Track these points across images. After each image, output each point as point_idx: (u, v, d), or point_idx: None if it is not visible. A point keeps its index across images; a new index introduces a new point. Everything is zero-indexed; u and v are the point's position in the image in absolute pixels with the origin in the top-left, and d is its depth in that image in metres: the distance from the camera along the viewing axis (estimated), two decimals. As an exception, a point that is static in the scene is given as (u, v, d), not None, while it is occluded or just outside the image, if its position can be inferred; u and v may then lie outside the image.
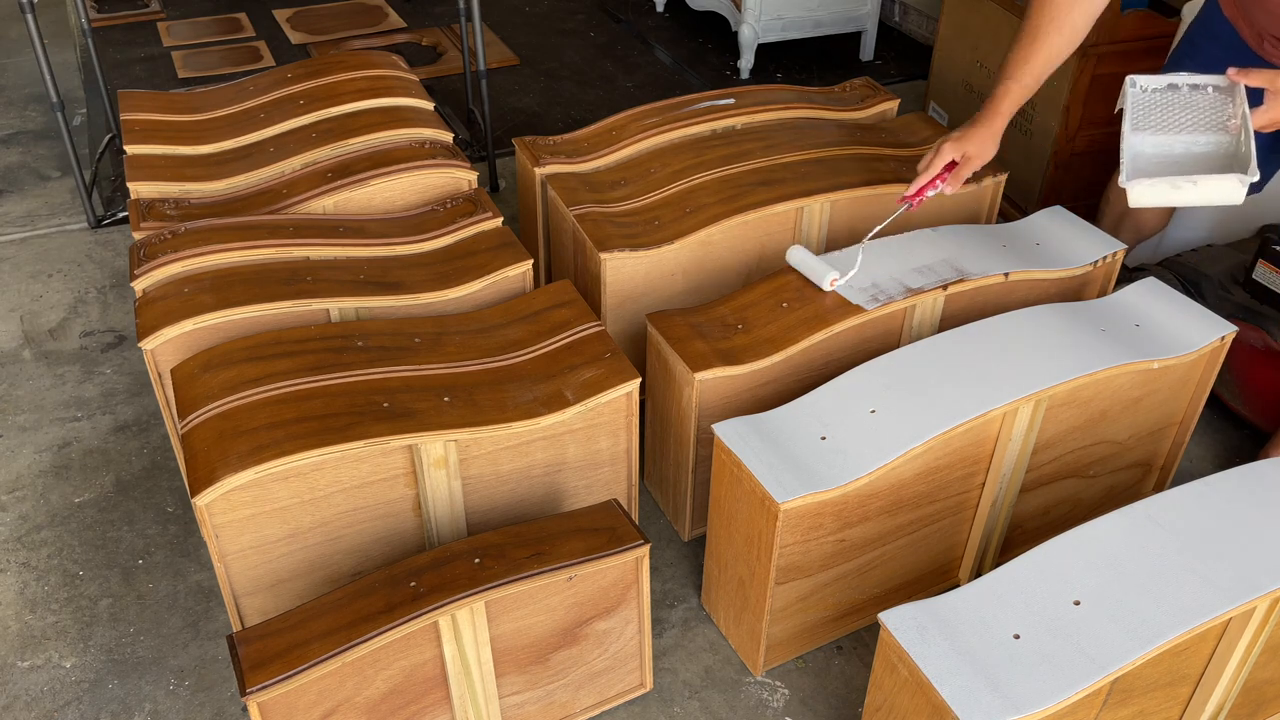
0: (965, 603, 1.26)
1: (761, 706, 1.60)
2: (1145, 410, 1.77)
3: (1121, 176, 1.52)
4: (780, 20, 3.49)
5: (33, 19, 2.43)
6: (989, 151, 1.78)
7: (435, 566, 1.32)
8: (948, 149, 1.77)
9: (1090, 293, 1.97)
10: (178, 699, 1.60)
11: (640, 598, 1.47)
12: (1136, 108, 1.63)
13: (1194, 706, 1.41)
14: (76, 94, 3.40)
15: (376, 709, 1.32)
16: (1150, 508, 1.37)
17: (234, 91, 2.23)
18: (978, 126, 1.76)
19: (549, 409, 1.53)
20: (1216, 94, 1.62)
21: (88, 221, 2.72)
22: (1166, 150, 1.59)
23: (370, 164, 1.96)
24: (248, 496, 1.41)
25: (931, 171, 1.79)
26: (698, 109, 2.24)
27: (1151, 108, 1.64)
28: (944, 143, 1.78)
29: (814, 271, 1.74)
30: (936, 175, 1.79)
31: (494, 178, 2.93)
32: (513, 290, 1.83)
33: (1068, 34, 1.69)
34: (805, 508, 1.43)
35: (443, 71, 3.55)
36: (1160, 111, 1.63)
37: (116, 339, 2.33)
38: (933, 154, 1.79)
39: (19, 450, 2.04)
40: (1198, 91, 1.63)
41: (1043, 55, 1.70)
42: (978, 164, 1.78)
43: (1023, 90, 1.74)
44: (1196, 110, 1.61)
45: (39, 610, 1.73)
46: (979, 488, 1.65)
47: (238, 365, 1.53)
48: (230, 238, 1.76)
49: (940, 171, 1.79)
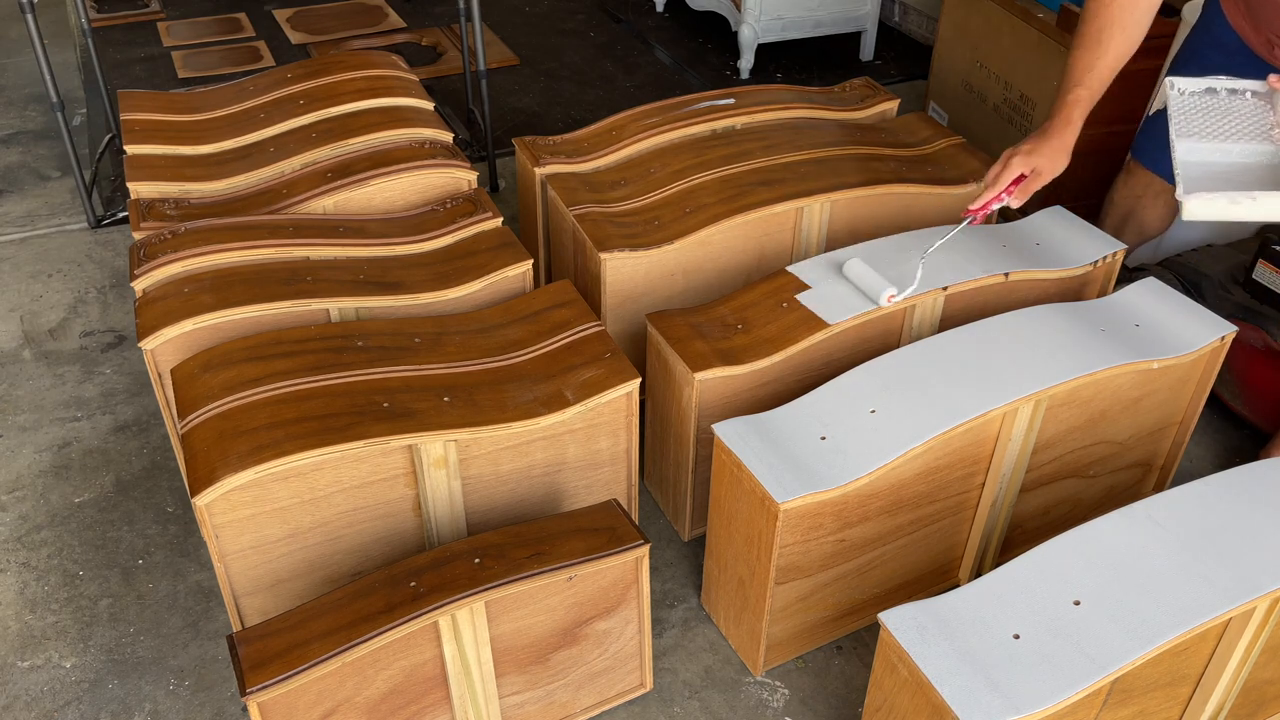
0: (965, 603, 1.26)
1: (761, 706, 1.60)
2: (1145, 410, 1.77)
3: (1178, 190, 1.45)
4: (780, 20, 3.49)
5: (33, 19, 2.43)
6: (1060, 164, 1.69)
7: (435, 566, 1.32)
8: (1017, 163, 1.69)
9: (1090, 293, 1.97)
10: (178, 699, 1.60)
11: (640, 598, 1.47)
12: (1178, 113, 1.58)
13: (1194, 706, 1.41)
14: (76, 94, 3.40)
15: (376, 709, 1.32)
16: (1150, 508, 1.37)
17: (234, 91, 2.23)
18: (1048, 138, 1.68)
19: (549, 409, 1.53)
20: (1256, 100, 1.58)
21: (88, 221, 2.72)
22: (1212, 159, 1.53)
23: (370, 164, 1.96)
24: (248, 496, 1.41)
25: (1000, 185, 1.71)
26: (698, 109, 2.24)
27: (1192, 113, 1.58)
28: (1013, 156, 1.70)
29: (870, 287, 1.71)
30: (1004, 189, 1.72)
31: (494, 178, 2.93)
32: (513, 290, 1.83)
33: (1131, 32, 1.63)
34: (805, 508, 1.43)
35: (443, 71, 3.55)
36: (1201, 117, 1.57)
37: (116, 339, 2.33)
38: (1000, 166, 1.71)
39: (19, 450, 2.04)
40: (1236, 96, 1.59)
41: (1110, 58, 1.64)
42: (1048, 178, 1.70)
43: (1091, 96, 1.67)
44: (1237, 117, 1.57)
45: (39, 610, 1.73)
46: (979, 488, 1.65)
47: (238, 365, 1.53)
48: (230, 238, 1.76)
49: (1008, 185, 1.72)
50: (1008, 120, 2.64)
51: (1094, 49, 1.64)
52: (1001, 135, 2.67)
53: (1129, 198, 2.15)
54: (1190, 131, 1.55)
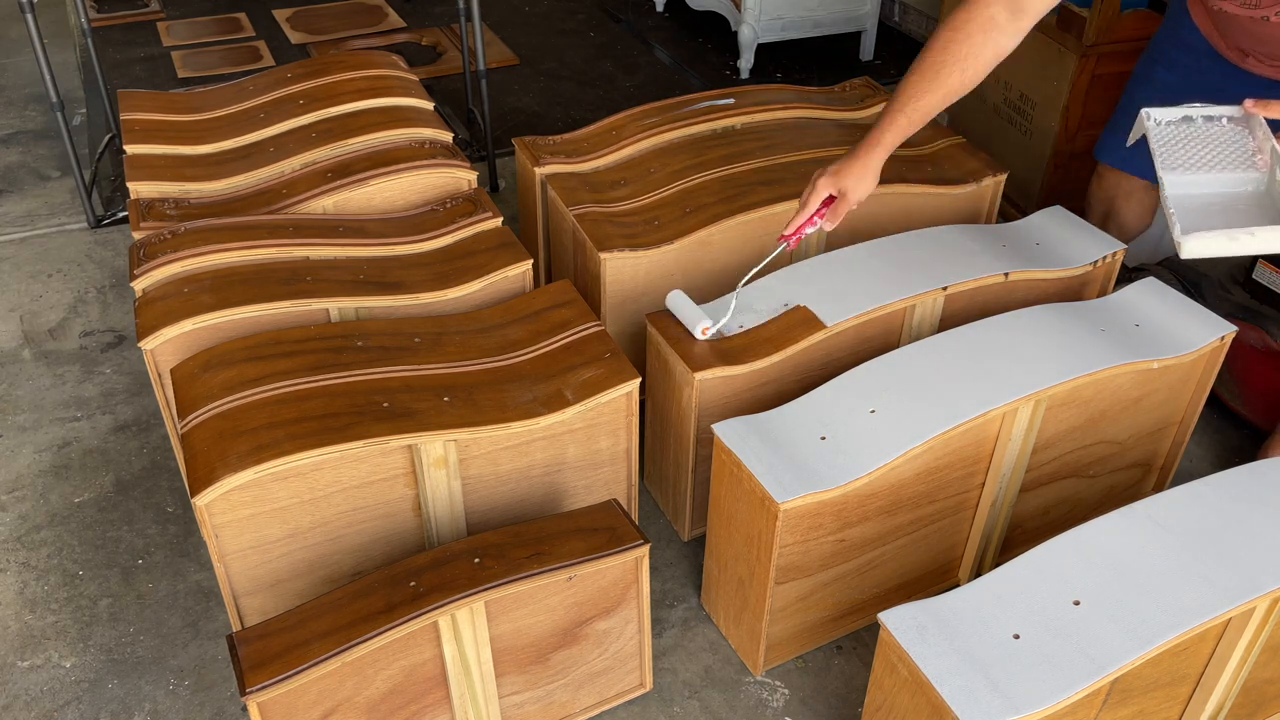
0: (965, 603, 1.26)
1: (761, 706, 1.60)
2: (1145, 410, 1.77)
3: (1175, 230, 1.43)
4: (780, 20, 3.49)
5: (33, 19, 2.43)
6: (867, 186, 1.67)
7: (435, 566, 1.32)
8: (823, 184, 1.67)
9: (1090, 293, 1.97)
10: (178, 699, 1.60)
11: (640, 598, 1.47)
12: (1159, 144, 1.56)
13: (1194, 706, 1.41)
14: (76, 94, 3.40)
15: (376, 709, 1.32)
16: (1150, 508, 1.37)
17: (234, 91, 2.23)
18: (855, 160, 1.65)
19: (549, 409, 1.53)
20: (1232, 126, 1.56)
21: (88, 221, 2.72)
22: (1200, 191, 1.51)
23: (370, 164, 1.96)
24: (247, 496, 1.41)
25: (809, 209, 1.68)
26: (698, 109, 2.23)
27: (1173, 143, 1.56)
28: (819, 177, 1.68)
29: (688, 319, 1.68)
30: (815, 211, 1.70)
31: (494, 178, 2.93)
32: (512, 290, 1.83)
33: (970, 75, 1.60)
34: (805, 508, 1.43)
35: (443, 71, 3.55)
36: (1182, 147, 1.56)
37: (116, 339, 2.33)
38: (809, 189, 1.69)
39: (19, 450, 2.04)
40: (1213, 124, 1.57)
41: (939, 94, 1.61)
42: (854, 201, 1.68)
43: (910, 125, 1.64)
44: (1217, 145, 1.55)
45: (39, 610, 1.73)
46: (979, 488, 1.65)
47: (237, 365, 1.53)
48: (230, 238, 1.76)
49: (819, 208, 1.69)
50: (1008, 120, 2.64)
51: (930, 81, 1.60)
52: (1002, 135, 2.67)
53: (1104, 199, 2.16)
54: (1175, 164, 1.53)
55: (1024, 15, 1.55)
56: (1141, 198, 2.11)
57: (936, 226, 1.94)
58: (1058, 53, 2.42)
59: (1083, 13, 2.33)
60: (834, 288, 1.75)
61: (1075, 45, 2.37)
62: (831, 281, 1.77)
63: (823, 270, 1.80)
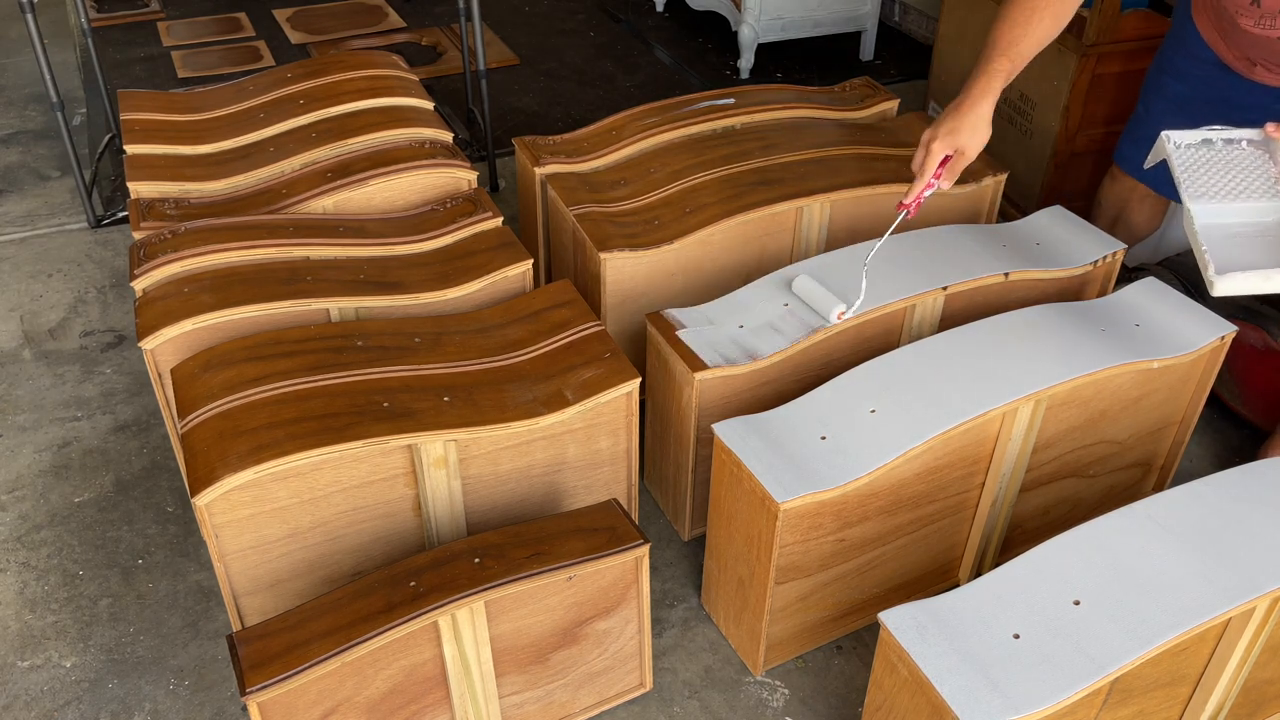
0: (965, 603, 1.26)
1: (761, 706, 1.60)
2: (1145, 410, 1.77)
3: (1208, 270, 1.42)
4: (780, 20, 3.49)
5: (33, 19, 2.43)
6: (983, 138, 1.65)
7: (435, 566, 1.32)
8: (938, 146, 1.65)
9: (1090, 293, 1.97)
10: (178, 699, 1.60)
11: (640, 597, 1.47)
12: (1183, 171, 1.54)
13: (1194, 706, 1.41)
14: (76, 94, 3.40)
15: (376, 709, 1.32)
16: (1150, 508, 1.37)
17: (234, 91, 2.23)
18: (966, 112, 1.62)
19: (549, 409, 1.53)
20: (1253, 149, 1.55)
21: (88, 221, 2.72)
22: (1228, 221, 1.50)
23: (370, 164, 1.96)
24: (247, 496, 1.41)
25: (927, 172, 1.67)
26: (698, 109, 2.23)
27: (1195, 169, 1.55)
28: (932, 140, 1.65)
29: (820, 304, 1.69)
30: (933, 174, 1.68)
31: (494, 178, 2.93)
32: (512, 290, 1.83)
33: (1060, 18, 1.62)
34: (805, 507, 1.43)
35: (443, 71, 3.55)
36: (1204, 173, 1.54)
37: (116, 339, 2.33)
38: (923, 153, 1.67)
39: (19, 450, 2.04)
40: (1233, 147, 1.56)
41: (1034, 38, 1.62)
42: (972, 155, 1.66)
43: (1013, 69, 1.64)
44: (1240, 171, 1.54)
45: (39, 610, 1.73)
46: (979, 488, 1.65)
47: (237, 365, 1.53)
48: (230, 238, 1.76)
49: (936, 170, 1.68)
50: (1008, 120, 2.64)
51: (1022, 26, 1.61)
52: (1001, 135, 2.67)
53: (1116, 202, 2.16)
54: (1199, 192, 1.51)
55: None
56: (1154, 202, 2.12)
57: (936, 226, 1.94)
58: (1058, 53, 2.42)
59: (1083, 13, 2.33)
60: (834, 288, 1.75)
61: (1075, 45, 2.37)
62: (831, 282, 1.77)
63: (823, 270, 1.80)
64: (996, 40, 1.64)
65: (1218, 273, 1.40)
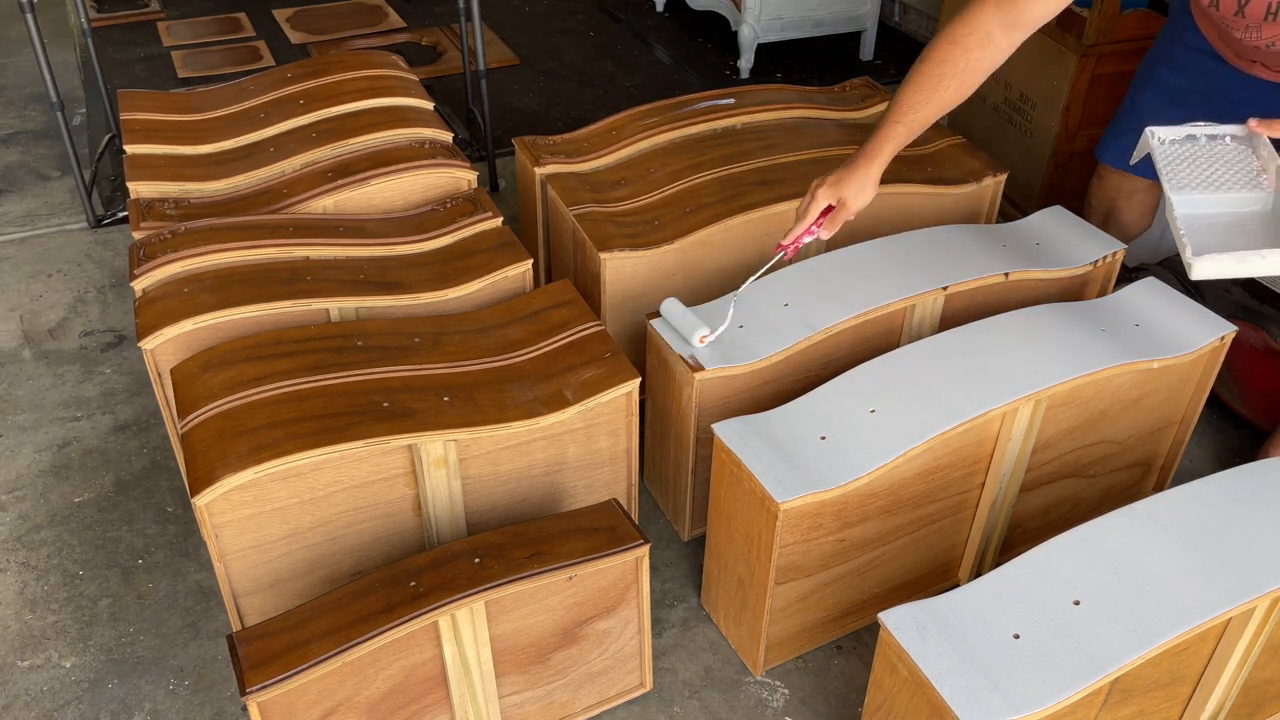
0: (965, 603, 1.26)
1: (761, 706, 1.60)
2: (1145, 410, 1.77)
3: (1186, 252, 1.43)
4: (780, 20, 3.49)
5: (33, 19, 2.43)
6: (866, 196, 1.67)
7: (435, 566, 1.32)
8: (822, 194, 1.66)
9: (1090, 293, 1.97)
10: (178, 699, 1.60)
11: (640, 597, 1.47)
12: (1166, 164, 1.56)
13: (1194, 706, 1.41)
14: (76, 94, 3.40)
15: (376, 709, 1.32)
16: (1150, 508, 1.37)
17: (234, 91, 2.23)
18: (855, 170, 1.65)
19: (549, 409, 1.53)
20: (1236, 144, 1.56)
21: (88, 221, 2.72)
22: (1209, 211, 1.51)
23: (370, 164, 1.96)
24: (247, 496, 1.41)
25: (809, 218, 1.68)
26: (698, 109, 2.23)
27: (1178, 162, 1.56)
28: (819, 187, 1.67)
29: (684, 327, 1.66)
30: (814, 221, 1.69)
31: (494, 178, 2.93)
32: (512, 290, 1.83)
33: (967, 86, 1.61)
34: (805, 507, 1.43)
35: (443, 71, 3.55)
36: (1188, 166, 1.56)
37: (116, 339, 2.33)
38: (808, 199, 1.68)
39: (19, 450, 2.04)
40: (1216, 142, 1.57)
41: (937, 105, 1.61)
42: (853, 210, 1.67)
43: (908, 134, 1.64)
44: (1222, 165, 1.55)
45: (39, 610, 1.73)
46: (979, 488, 1.65)
47: (238, 365, 1.53)
48: (230, 237, 1.76)
49: (817, 217, 1.69)
50: (1008, 120, 2.64)
51: (926, 92, 1.61)
52: (1002, 135, 2.67)
53: (1104, 200, 2.16)
54: (1182, 184, 1.53)
55: (1019, 29, 1.57)
56: (1143, 199, 2.11)
57: (936, 226, 1.94)
58: (1058, 53, 2.42)
59: (1083, 13, 2.33)
60: (834, 288, 1.75)
61: (1075, 45, 2.37)
62: (832, 281, 1.77)
63: (823, 270, 1.80)
64: (899, 103, 1.64)
65: (1195, 254, 1.41)
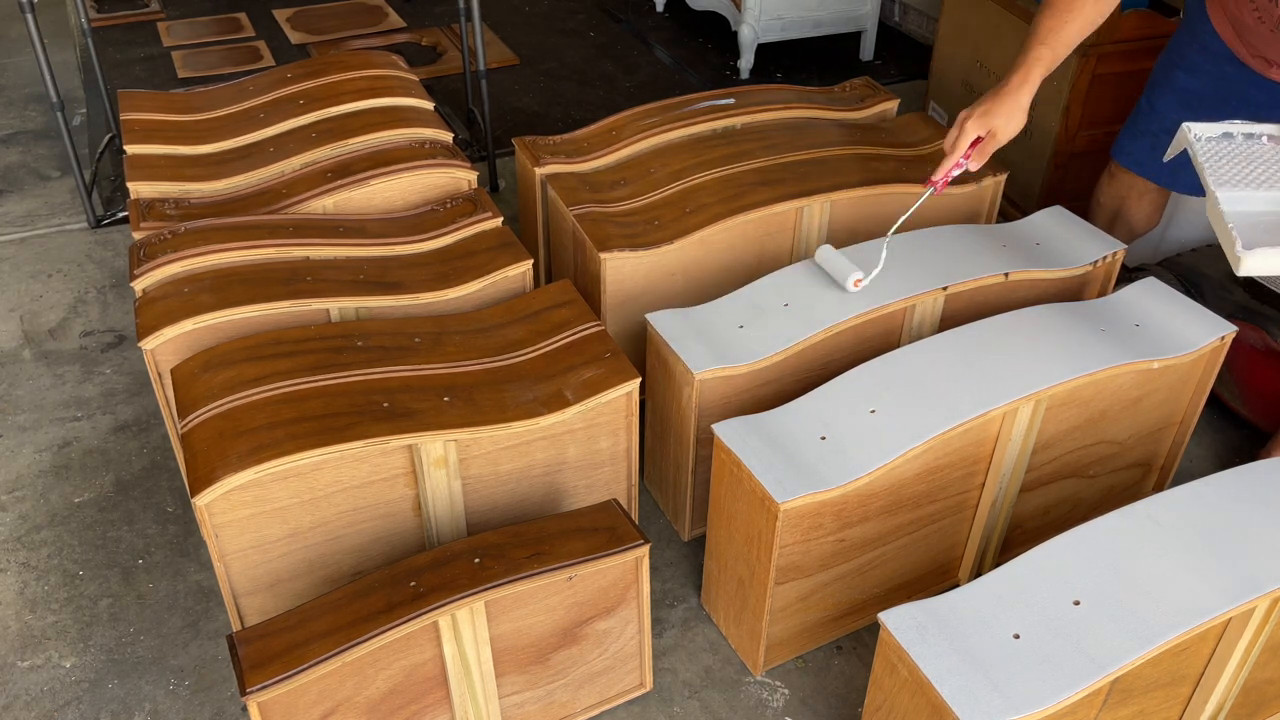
0: (965, 603, 1.26)
1: (761, 706, 1.60)
2: (1145, 410, 1.77)
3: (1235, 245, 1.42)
4: (780, 20, 3.49)
5: (33, 19, 2.43)
6: (1017, 124, 1.67)
7: (435, 566, 1.32)
8: (972, 125, 1.67)
9: (1090, 293, 1.97)
10: (178, 699, 1.60)
11: (640, 598, 1.47)
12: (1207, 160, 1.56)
13: (1194, 706, 1.41)
14: (76, 94, 3.40)
15: (376, 709, 1.32)
16: (1150, 508, 1.37)
17: (234, 91, 2.23)
18: (1004, 97, 1.65)
19: (549, 409, 1.53)
20: (1273, 144, 1.57)
21: (88, 221, 2.72)
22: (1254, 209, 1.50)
23: (370, 164, 1.96)
24: (248, 496, 1.41)
25: (958, 150, 1.69)
26: (698, 109, 2.24)
27: (1218, 159, 1.57)
28: (967, 119, 1.67)
29: (838, 271, 1.74)
30: (962, 154, 1.70)
31: (494, 178, 2.93)
32: (513, 290, 1.83)
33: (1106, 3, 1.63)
34: (805, 508, 1.43)
35: (443, 71, 3.55)
36: (1227, 164, 1.56)
37: (116, 339, 2.33)
38: (956, 131, 1.69)
39: (19, 450, 2.04)
40: (1253, 141, 1.57)
41: (1077, 25, 1.62)
42: (1004, 139, 1.68)
43: (1054, 58, 1.65)
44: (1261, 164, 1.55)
45: (39, 610, 1.73)
46: (979, 488, 1.65)
47: (238, 365, 1.53)
48: (230, 238, 1.76)
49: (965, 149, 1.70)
50: (1008, 120, 2.64)
51: (1064, 14, 1.62)
52: (1001, 135, 2.67)
53: (1114, 198, 2.15)
54: (1224, 180, 1.52)
55: None
56: (1154, 198, 2.11)
57: (936, 226, 1.94)
58: (1058, 53, 2.42)
59: (1083, 13, 2.33)
60: (834, 287, 1.75)
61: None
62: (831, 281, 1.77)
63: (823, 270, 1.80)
64: (1037, 28, 1.65)
65: (1245, 248, 1.40)
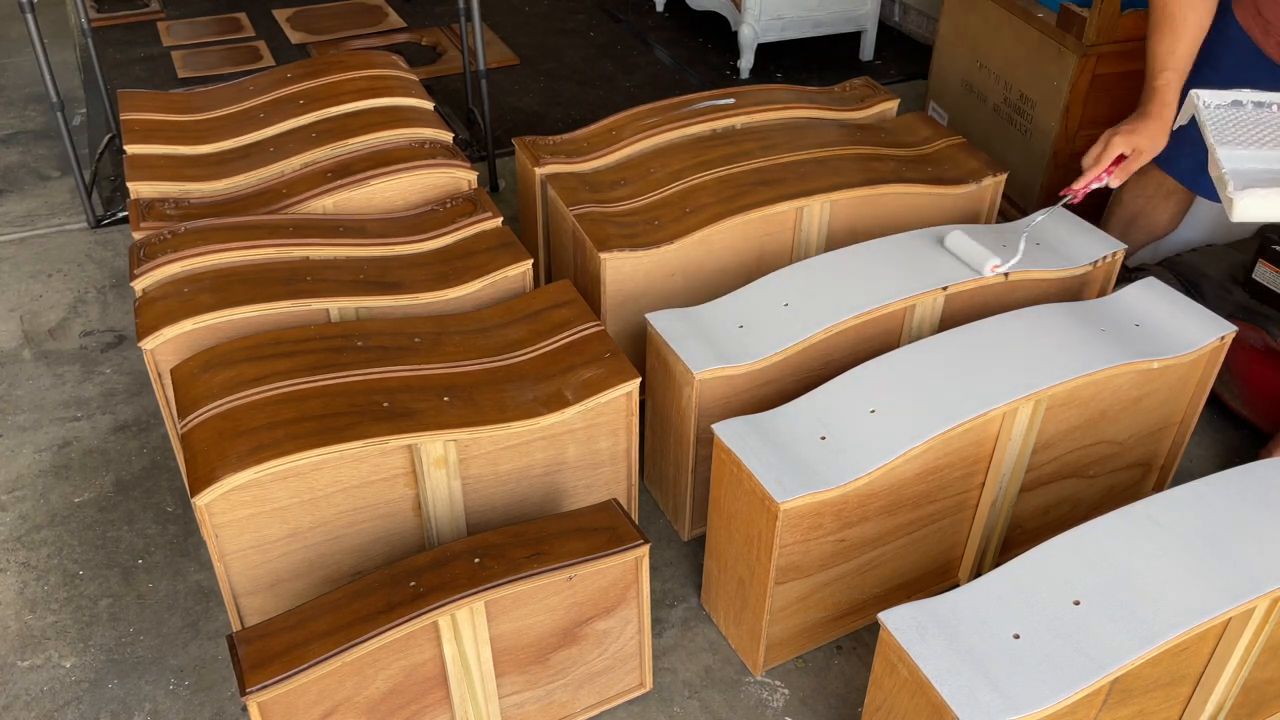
0: (965, 603, 1.26)
1: (761, 706, 1.60)
2: (1145, 410, 1.77)
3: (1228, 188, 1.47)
4: (780, 20, 3.49)
5: (33, 19, 2.43)
6: (1160, 143, 1.76)
7: (435, 566, 1.32)
8: (1118, 142, 1.75)
9: (1090, 293, 1.97)
10: (178, 699, 1.60)
11: (640, 597, 1.47)
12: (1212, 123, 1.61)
13: (1194, 706, 1.41)
14: (76, 94, 3.40)
15: (376, 709, 1.32)
16: (1150, 508, 1.37)
17: (234, 91, 2.23)
18: (1149, 119, 1.74)
19: (549, 409, 1.53)
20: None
21: (88, 221, 2.72)
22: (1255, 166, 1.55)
23: (370, 164, 1.96)
24: (247, 496, 1.41)
25: (1101, 165, 1.77)
26: (698, 109, 2.23)
27: (1224, 124, 1.61)
28: (1114, 136, 1.76)
29: (974, 257, 1.77)
30: (1105, 169, 1.78)
31: (494, 178, 2.93)
32: (512, 290, 1.83)
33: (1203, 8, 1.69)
34: (805, 507, 1.43)
35: (443, 71, 3.55)
36: (1233, 128, 1.60)
37: (116, 339, 2.33)
38: (1100, 147, 1.76)
39: (19, 450, 2.04)
40: (1263, 109, 1.61)
41: (1189, 38, 1.70)
42: (1148, 157, 1.77)
43: (1180, 78, 1.73)
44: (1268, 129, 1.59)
45: (39, 610, 1.73)
46: (979, 488, 1.65)
47: (237, 365, 1.53)
48: (230, 238, 1.76)
49: (1109, 165, 1.78)
50: (1008, 120, 2.64)
51: (1170, 33, 1.70)
52: (1002, 135, 2.67)
53: (1139, 197, 2.15)
54: (1227, 140, 1.57)
55: None
56: (1179, 200, 2.12)
57: (936, 226, 1.94)
58: (1058, 53, 2.42)
59: (1083, 13, 2.33)
60: (834, 288, 1.75)
61: (1075, 45, 2.37)
62: (832, 281, 1.77)
63: (823, 270, 1.80)
64: (1153, 55, 1.74)
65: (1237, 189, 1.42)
